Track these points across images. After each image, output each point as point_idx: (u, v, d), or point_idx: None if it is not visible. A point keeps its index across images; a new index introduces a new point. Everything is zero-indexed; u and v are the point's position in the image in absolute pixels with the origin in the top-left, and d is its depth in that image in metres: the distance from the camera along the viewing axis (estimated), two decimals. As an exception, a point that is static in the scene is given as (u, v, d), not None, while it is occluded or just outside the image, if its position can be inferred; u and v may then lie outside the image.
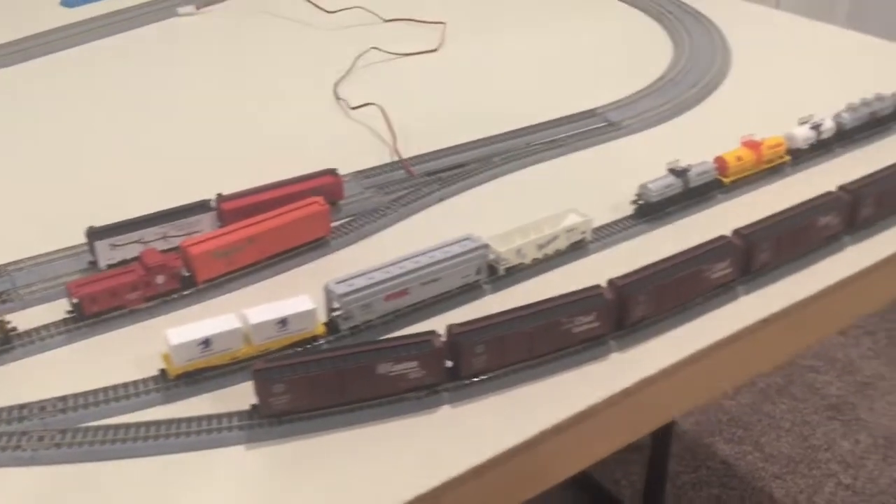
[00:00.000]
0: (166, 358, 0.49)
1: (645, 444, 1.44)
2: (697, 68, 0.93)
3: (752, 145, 0.70)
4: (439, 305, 0.55)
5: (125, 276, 0.52)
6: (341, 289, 0.51)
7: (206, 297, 0.56)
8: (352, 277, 0.52)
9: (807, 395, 1.72)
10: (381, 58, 0.95)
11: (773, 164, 0.71)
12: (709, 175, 0.67)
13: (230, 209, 0.60)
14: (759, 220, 0.58)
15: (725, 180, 0.68)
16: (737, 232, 0.57)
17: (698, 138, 0.74)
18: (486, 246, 0.56)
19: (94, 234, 0.56)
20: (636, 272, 0.53)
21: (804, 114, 0.73)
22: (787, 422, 1.66)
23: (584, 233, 0.61)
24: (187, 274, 0.55)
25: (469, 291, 0.56)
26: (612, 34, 1.04)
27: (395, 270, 0.53)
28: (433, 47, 0.97)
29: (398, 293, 0.52)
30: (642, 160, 0.69)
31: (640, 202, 0.65)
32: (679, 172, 0.65)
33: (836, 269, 0.60)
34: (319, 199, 0.60)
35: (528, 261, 0.58)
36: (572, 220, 0.60)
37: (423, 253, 0.54)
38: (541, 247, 0.59)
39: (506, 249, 0.57)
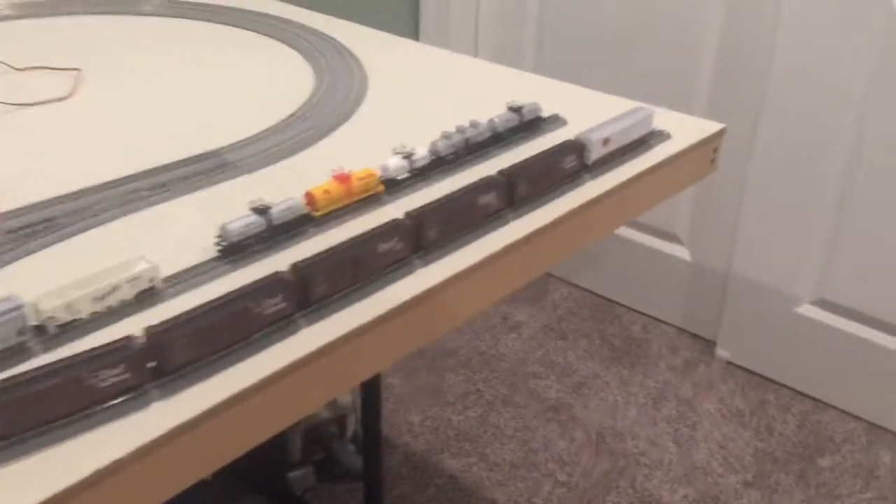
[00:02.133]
0: None
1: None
2: (333, 100, 0.96)
3: (342, 178, 0.72)
4: (-25, 374, 0.52)
5: None
6: None
7: None
8: None
9: (528, 401, 1.81)
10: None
11: (367, 195, 0.74)
12: (296, 210, 0.68)
13: None
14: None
15: (316, 214, 0.70)
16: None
17: (320, 170, 0.76)
18: (20, 307, 0.54)
19: None
20: (174, 318, 0.53)
21: (432, 139, 0.78)
22: (511, 429, 1.73)
23: (151, 280, 0.60)
24: None
25: (14, 356, 0.54)
26: (255, 71, 1.05)
27: None
28: (63, 95, 0.94)
29: (-87, 366, 0.49)
30: (252, 199, 0.70)
31: (223, 243, 0.65)
32: (261, 210, 0.67)
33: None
34: None
35: (85, 315, 0.57)
36: (138, 267, 0.60)
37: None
38: (99, 299, 0.57)
39: (52, 307, 0.55)
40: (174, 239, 0.68)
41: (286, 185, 0.77)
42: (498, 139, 0.84)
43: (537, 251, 0.73)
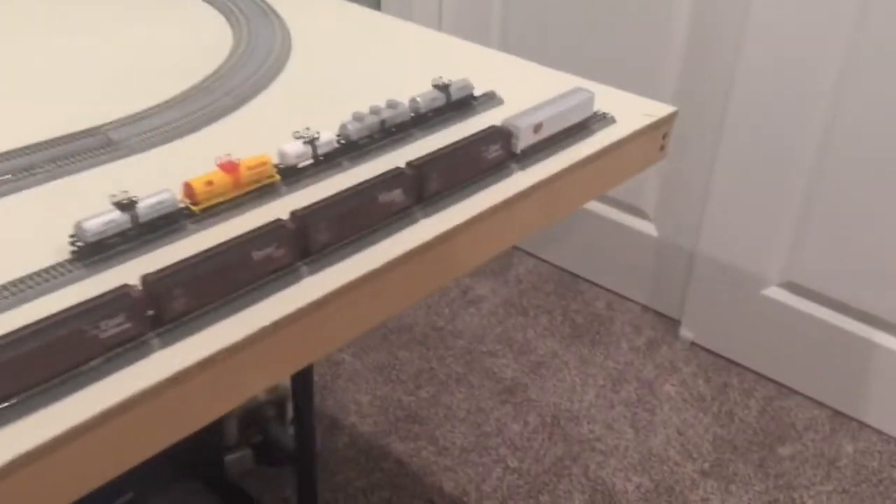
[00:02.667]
0: None
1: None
2: (247, 69, 0.86)
3: (228, 167, 0.63)
4: None
5: None
6: None
7: None
8: None
9: (483, 382, 1.74)
10: None
11: (260, 186, 0.65)
12: (168, 205, 0.60)
13: None
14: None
15: (195, 208, 0.62)
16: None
17: (220, 151, 0.67)
18: None
19: None
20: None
21: (359, 110, 0.69)
22: (463, 411, 1.67)
23: (-20, 290, 0.52)
24: None
25: None
26: (162, 32, 0.95)
27: None
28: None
29: None
30: (149, 184, 0.61)
31: (78, 244, 0.57)
32: (125, 205, 0.58)
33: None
34: None
35: None
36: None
37: None
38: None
39: None
40: (25, 236, 0.59)
41: (176, 169, 0.68)
42: (420, 121, 0.76)
43: (451, 252, 0.64)
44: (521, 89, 0.84)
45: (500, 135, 0.69)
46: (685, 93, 1.71)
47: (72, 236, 0.56)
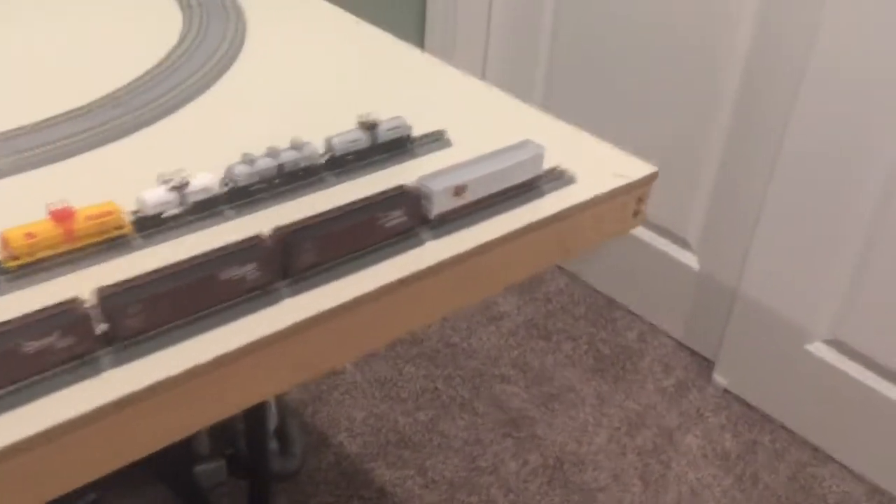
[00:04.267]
0: None
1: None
2: (185, 69, 0.76)
3: (60, 215, 0.53)
4: None
5: None
6: None
7: None
8: None
9: (489, 410, 1.62)
10: None
11: (103, 239, 0.55)
12: (-28, 261, 0.50)
13: None
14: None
15: (10, 264, 0.52)
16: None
17: (126, 173, 0.57)
18: None
19: None
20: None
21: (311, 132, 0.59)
22: (460, 441, 1.56)
23: None
24: None
25: None
26: (103, 18, 0.86)
27: None
28: None
29: None
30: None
31: None
32: None
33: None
34: None
35: None
36: None
37: None
38: None
39: None
40: None
41: (33, 202, 0.58)
42: (336, 164, 0.64)
43: (319, 342, 0.53)
44: (483, 130, 0.72)
45: (406, 198, 0.56)
46: (741, 118, 1.53)
47: None
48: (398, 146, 0.67)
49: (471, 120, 0.74)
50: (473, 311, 1.85)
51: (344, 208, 0.54)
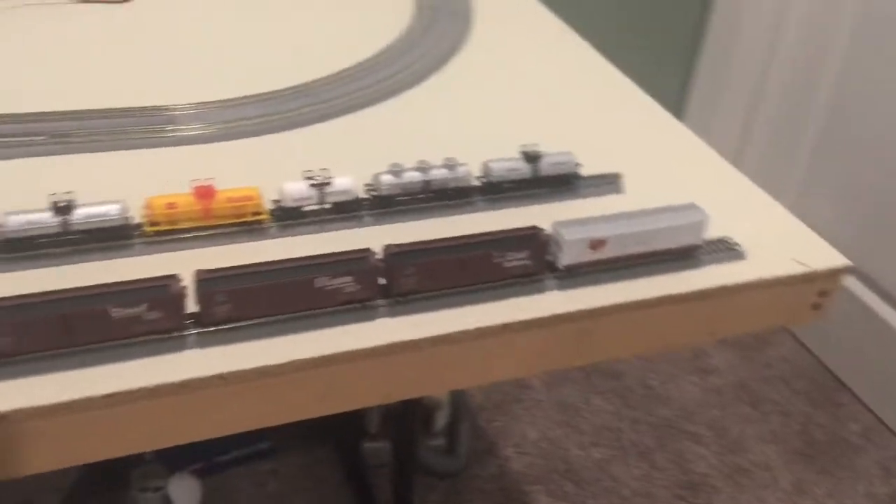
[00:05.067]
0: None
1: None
2: (408, 56, 0.79)
3: (201, 192, 0.56)
4: None
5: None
6: None
7: None
8: None
9: (669, 466, 1.53)
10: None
11: (239, 221, 0.57)
12: (112, 219, 0.54)
13: None
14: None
15: (148, 228, 0.55)
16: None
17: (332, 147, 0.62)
18: None
19: None
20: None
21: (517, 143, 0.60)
22: (629, 490, 1.48)
23: None
24: None
25: None
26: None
27: None
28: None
29: None
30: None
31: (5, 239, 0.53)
32: (60, 208, 0.53)
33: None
34: None
35: None
36: None
37: None
38: None
39: None
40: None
41: (232, 168, 0.62)
42: (491, 190, 0.62)
43: (403, 367, 0.51)
44: (667, 182, 0.66)
45: (532, 241, 0.53)
46: None
47: (-6, 226, 0.53)
48: (562, 182, 0.63)
49: (659, 168, 0.69)
50: (681, 358, 1.74)
51: (460, 239, 0.52)
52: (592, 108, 0.77)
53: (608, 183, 0.65)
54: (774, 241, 0.61)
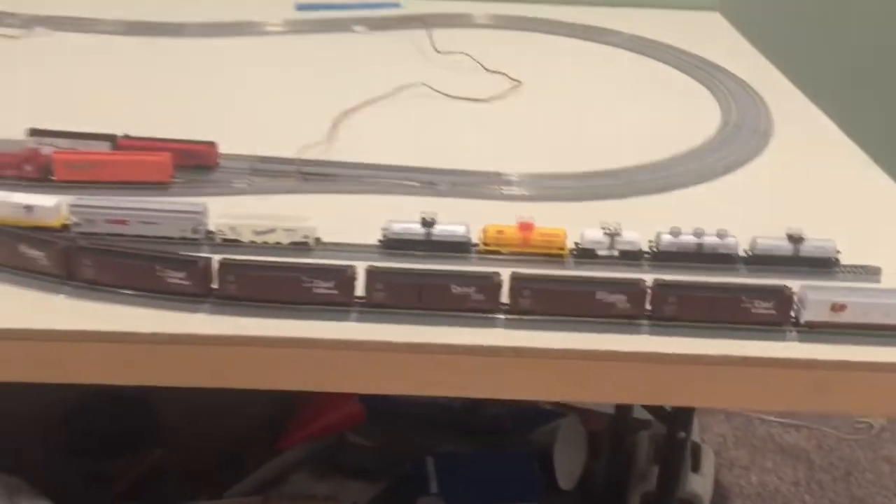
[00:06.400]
0: None
1: None
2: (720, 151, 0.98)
3: (522, 226, 0.74)
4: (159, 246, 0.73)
5: (6, 158, 0.80)
6: (78, 200, 0.73)
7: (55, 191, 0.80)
8: (96, 199, 0.74)
9: None
10: (429, 94, 1.11)
11: (546, 252, 0.74)
12: (456, 234, 0.74)
13: (123, 144, 0.85)
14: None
15: (481, 247, 0.75)
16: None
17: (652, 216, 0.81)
18: (200, 212, 0.73)
19: (33, 131, 0.85)
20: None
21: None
22: None
23: (305, 236, 0.74)
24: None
25: (186, 244, 0.73)
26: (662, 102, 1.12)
27: (125, 203, 0.73)
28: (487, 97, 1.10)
29: (118, 220, 0.73)
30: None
31: (385, 239, 0.75)
32: (427, 222, 0.74)
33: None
34: (166, 154, 0.82)
35: (244, 240, 0.74)
36: (299, 223, 0.74)
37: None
38: (258, 233, 0.73)
39: (219, 222, 0.73)
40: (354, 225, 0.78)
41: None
42: (754, 261, 0.74)
43: (651, 375, 0.65)
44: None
45: (779, 295, 0.65)
46: None
47: (382, 229, 0.75)
48: (821, 265, 0.74)
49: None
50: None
51: (717, 283, 0.66)
52: (871, 218, 0.87)
53: (869, 273, 0.75)
54: None
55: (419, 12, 1.36)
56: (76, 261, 0.68)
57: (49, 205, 0.73)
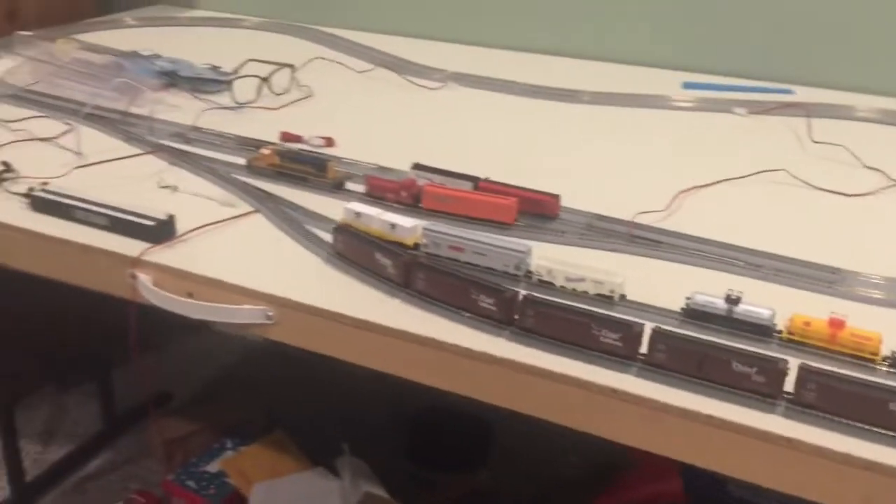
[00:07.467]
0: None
1: None
2: None
3: (833, 322, 0.71)
4: (487, 276, 0.82)
5: (390, 184, 0.97)
6: (430, 225, 0.86)
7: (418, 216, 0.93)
8: (445, 226, 0.86)
9: None
10: (790, 181, 1.08)
11: (854, 354, 0.70)
12: (759, 317, 0.73)
13: (482, 185, 0.97)
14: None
15: (782, 335, 0.73)
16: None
17: None
18: (524, 252, 0.81)
19: (416, 165, 1.01)
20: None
21: None
22: None
23: (612, 291, 0.78)
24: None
25: (507, 278, 0.82)
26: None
27: (466, 234, 0.84)
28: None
29: (457, 247, 0.84)
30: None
31: (687, 308, 0.76)
32: (731, 300, 0.74)
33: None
34: (514, 199, 0.92)
35: (556, 283, 0.80)
36: (608, 277, 0.79)
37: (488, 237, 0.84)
38: (570, 280, 0.80)
39: (537, 263, 0.81)
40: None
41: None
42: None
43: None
44: None
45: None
46: None
47: (687, 299, 0.77)
48: None
49: None
50: None
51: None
52: None
53: None
54: None
55: (805, 100, 1.33)
56: (413, 273, 0.80)
57: (408, 225, 0.87)
